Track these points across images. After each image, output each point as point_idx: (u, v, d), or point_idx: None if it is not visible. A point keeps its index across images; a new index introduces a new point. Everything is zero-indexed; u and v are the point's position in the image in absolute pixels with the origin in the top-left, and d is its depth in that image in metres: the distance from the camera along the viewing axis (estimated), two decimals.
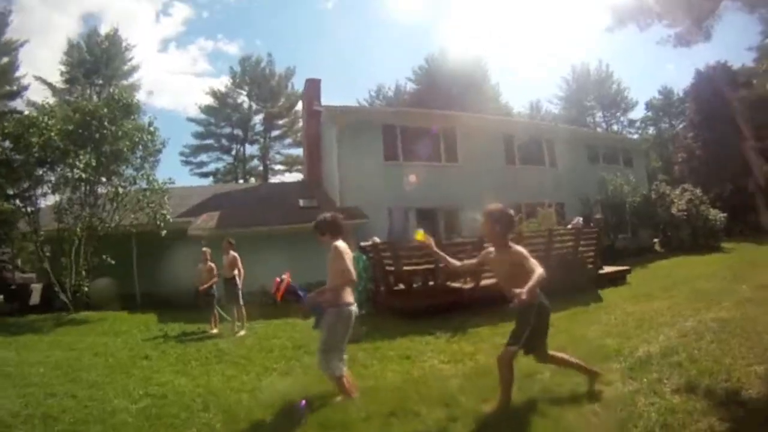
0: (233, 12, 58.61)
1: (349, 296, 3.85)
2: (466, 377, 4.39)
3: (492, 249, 3.69)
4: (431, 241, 3.91)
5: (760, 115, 26.60)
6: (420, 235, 3.87)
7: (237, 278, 8.32)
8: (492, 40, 61.91)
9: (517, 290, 3.04)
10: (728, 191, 24.63)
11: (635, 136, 41.60)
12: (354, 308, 3.86)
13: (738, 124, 28.83)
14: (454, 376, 4.51)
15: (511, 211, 3.74)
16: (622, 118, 46.62)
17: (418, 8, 59.65)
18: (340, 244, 3.88)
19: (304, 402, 3.63)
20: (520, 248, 3.61)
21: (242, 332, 7.95)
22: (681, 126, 39.69)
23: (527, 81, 62.69)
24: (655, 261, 14.99)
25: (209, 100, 40.85)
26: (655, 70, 62.67)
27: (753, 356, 4.23)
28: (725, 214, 19.01)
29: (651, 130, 44.99)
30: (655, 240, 19.71)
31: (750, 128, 28.48)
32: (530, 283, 3.12)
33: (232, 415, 3.93)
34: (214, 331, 8.18)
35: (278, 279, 4.14)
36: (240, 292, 8.29)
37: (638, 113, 46.32)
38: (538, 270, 3.23)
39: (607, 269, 10.67)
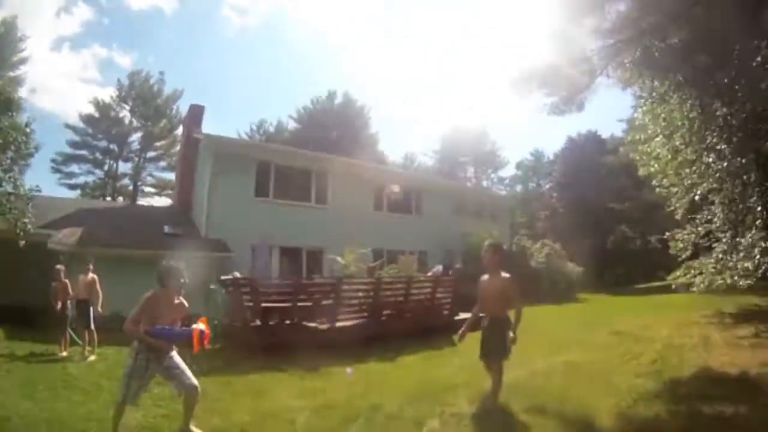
0: (134, 23, 54.15)
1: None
2: (313, 411, 4.67)
3: (486, 276, 4.55)
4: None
5: (622, 181, 30.58)
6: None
7: (91, 301, 8.02)
8: (379, 90, 66.66)
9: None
10: (587, 248, 27.91)
11: (503, 193, 45.41)
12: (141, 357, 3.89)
13: (600, 188, 32.82)
14: (302, 409, 4.72)
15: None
16: (492, 175, 51.03)
17: (313, 52, 62.42)
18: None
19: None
20: (507, 275, 4.49)
21: (92, 357, 7.63)
22: (547, 186, 44.42)
23: (406, 133, 67.14)
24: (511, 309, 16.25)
25: (91, 109, 38.29)
26: (529, 133, 68.58)
27: (602, 392, 4.95)
28: (581, 268, 21.54)
29: (519, 188, 49.44)
30: None
31: (612, 192, 32.59)
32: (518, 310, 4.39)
33: None
34: (64, 354, 7.77)
35: (198, 328, 3.93)
36: (92, 316, 7.96)
37: (509, 171, 51.01)
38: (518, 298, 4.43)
39: (463, 315, 11.02)
